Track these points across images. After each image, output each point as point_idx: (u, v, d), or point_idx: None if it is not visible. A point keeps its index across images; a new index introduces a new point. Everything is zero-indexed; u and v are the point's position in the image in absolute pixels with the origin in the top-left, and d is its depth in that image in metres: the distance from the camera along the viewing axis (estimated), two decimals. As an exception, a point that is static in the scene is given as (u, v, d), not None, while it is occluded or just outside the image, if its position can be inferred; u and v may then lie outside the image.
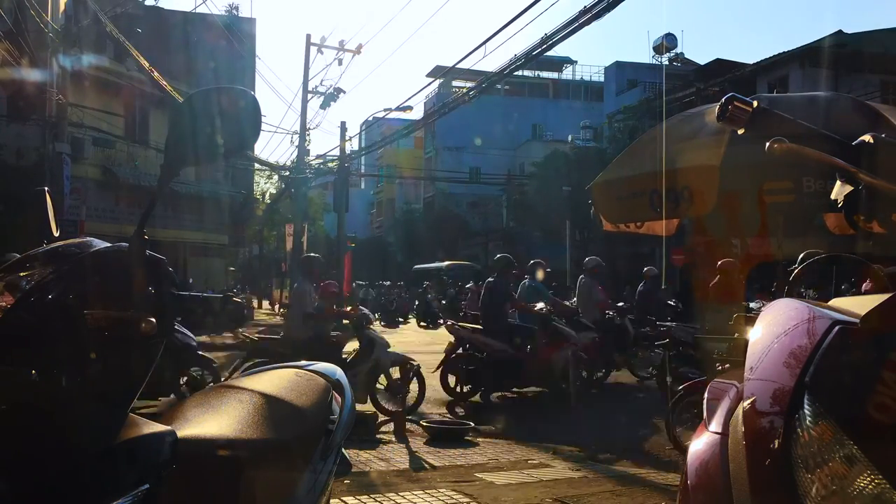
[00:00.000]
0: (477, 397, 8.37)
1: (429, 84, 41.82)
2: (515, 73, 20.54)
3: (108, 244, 1.32)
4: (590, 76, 55.32)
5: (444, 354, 8.47)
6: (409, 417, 6.67)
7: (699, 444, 1.29)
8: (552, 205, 31.36)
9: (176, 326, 6.87)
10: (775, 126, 1.35)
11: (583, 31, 11.54)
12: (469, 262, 33.58)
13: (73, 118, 16.58)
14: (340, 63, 24.80)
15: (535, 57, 13.37)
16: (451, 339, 8.59)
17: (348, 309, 9.47)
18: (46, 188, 1.50)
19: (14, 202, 9.00)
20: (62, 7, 14.83)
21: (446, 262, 34.03)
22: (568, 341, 8.32)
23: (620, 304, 10.65)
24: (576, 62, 57.19)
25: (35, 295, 1.16)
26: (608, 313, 9.94)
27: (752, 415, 1.01)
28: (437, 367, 8.25)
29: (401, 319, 27.41)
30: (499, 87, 41.67)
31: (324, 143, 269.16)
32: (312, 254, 9.78)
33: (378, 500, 4.27)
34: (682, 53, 41.01)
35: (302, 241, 25.67)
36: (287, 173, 27.91)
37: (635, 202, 5.28)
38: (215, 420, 1.49)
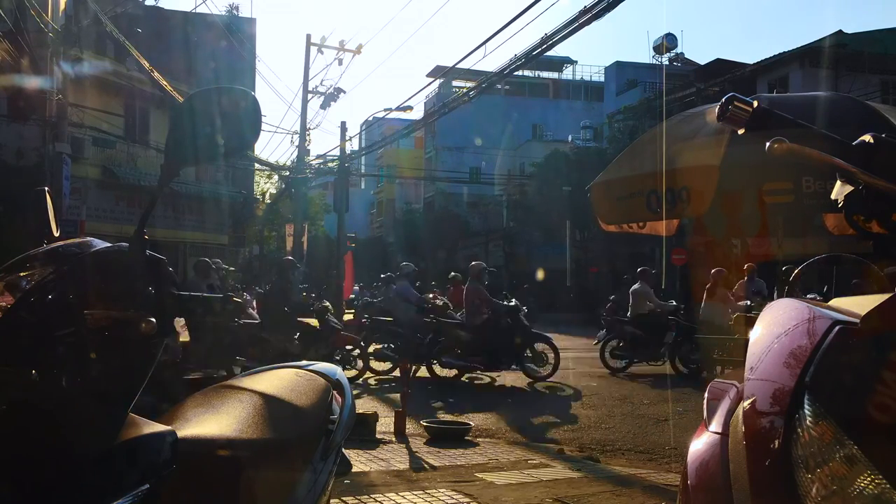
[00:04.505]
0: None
1: (429, 84, 41.88)
2: (515, 73, 20.54)
3: (108, 244, 1.31)
4: (590, 76, 55.35)
5: None
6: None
7: (699, 444, 1.29)
8: (552, 205, 31.38)
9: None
10: (775, 126, 1.35)
11: (583, 31, 11.56)
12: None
13: (73, 118, 16.58)
14: (340, 63, 24.88)
15: (535, 57, 13.36)
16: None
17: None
18: (46, 188, 1.50)
19: (14, 202, 9.01)
20: (62, 7, 14.83)
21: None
22: None
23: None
24: (576, 62, 57.35)
25: (35, 295, 1.15)
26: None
27: (752, 415, 1.01)
28: None
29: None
30: (499, 87, 41.68)
31: (324, 143, 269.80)
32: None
33: (378, 500, 4.27)
34: (682, 53, 41.09)
35: (302, 241, 25.69)
36: (287, 173, 27.93)
37: (634, 202, 5.27)
38: (215, 420, 1.49)
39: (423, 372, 10.64)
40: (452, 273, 13.66)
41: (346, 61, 34.90)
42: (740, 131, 1.40)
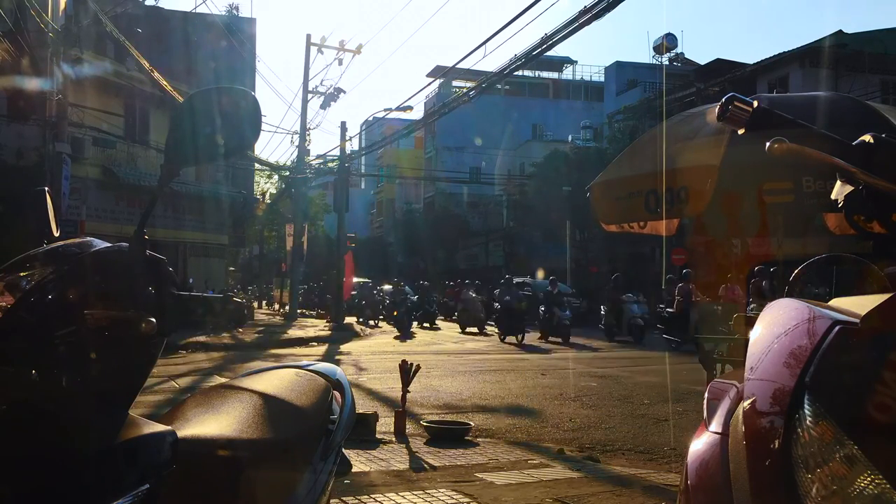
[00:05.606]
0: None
1: (429, 84, 41.87)
2: (515, 73, 20.56)
3: (108, 244, 1.31)
4: (590, 76, 55.41)
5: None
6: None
7: (699, 444, 1.29)
8: (552, 205, 31.38)
9: None
10: (775, 126, 1.35)
11: (583, 31, 11.57)
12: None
13: (73, 118, 16.59)
14: (340, 63, 24.93)
15: (535, 57, 13.37)
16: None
17: None
18: (46, 188, 1.50)
19: (14, 202, 9.00)
20: (62, 7, 14.84)
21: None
22: None
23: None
24: (576, 62, 57.45)
25: (35, 295, 1.15)
26: None
27: (752, 415, 1.01)
28: None
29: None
30: (499, 87, 41.70)
31: (324, 143, 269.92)
32: None
33: (378, 500, 4.27)
34: (682, 53, 41.14)
35: (302, 241, 25.69)
36: (287, 173, 27.96)
37: (633, 202, 5.27)
38: (215, 420, 1.49)
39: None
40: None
41: (346, 61, 34.94)
42: (740, 131, 1.40)
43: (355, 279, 29.96)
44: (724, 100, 1.39)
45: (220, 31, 27.43)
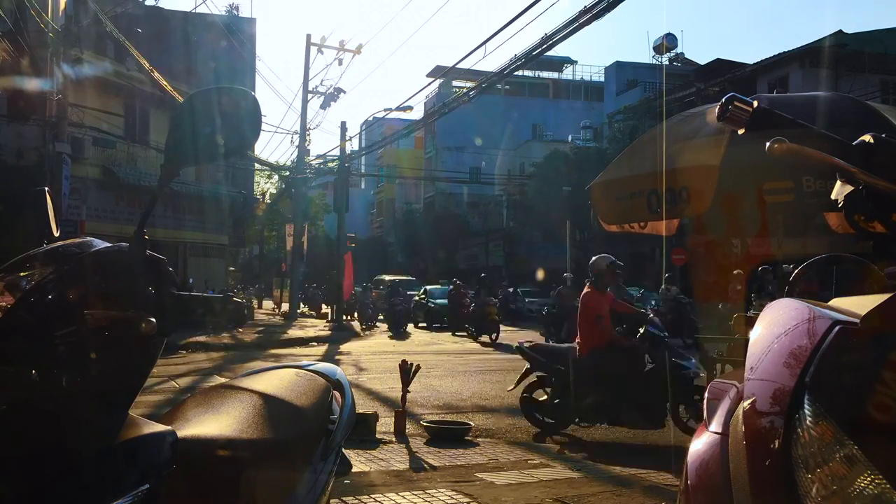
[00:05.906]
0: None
1: (429, 84, 41.90)
2: (515, 73, 20.56)
3: (108, 244, 1.31)
4: (590, 76, 55.41)
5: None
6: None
7: (699, 444, 1.29)
8: (552, 205, 31.37)
9: None
10: (775, 126, 1.35)
11: (583, 31, 11.58)
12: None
13: (73, 118, 16.58)
14: (340, 63, 24.95)
15: (535, 57, 13.38)
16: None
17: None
18: (46, 188, 1.50)
19: (14, 202, 9.01)
20: (62, 7, 14.85)
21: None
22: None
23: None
24: (576, 62, 57.45)
25: (35, 295, 1.15)
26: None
27: (752, 415, 1.01)
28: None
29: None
30: (499, 87, 41.68)
31: (324, 143, 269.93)
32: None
33: (378, 500, 4.27)
34: (682, 53, 41.17)
35: (302, 241, 25.70)
36: (287, 173, 27.98)
37: (633, 202, 5.27)
38: (215, 420, 1.49)
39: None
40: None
41: (346, 61, 35.01)
42: (740, 131, 1.40)
43: (392, 277, 29.72)
44: (724, 100, 1.39)
45: (220, 31, 27.46)
